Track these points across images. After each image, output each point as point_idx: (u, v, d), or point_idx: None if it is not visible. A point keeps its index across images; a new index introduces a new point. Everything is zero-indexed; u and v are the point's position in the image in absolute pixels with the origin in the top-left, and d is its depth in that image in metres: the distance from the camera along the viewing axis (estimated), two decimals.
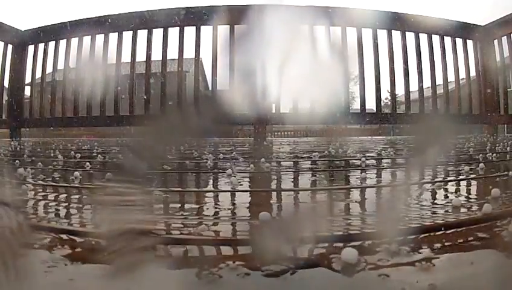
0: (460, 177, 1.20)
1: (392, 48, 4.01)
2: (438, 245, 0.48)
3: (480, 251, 0.47)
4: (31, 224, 0.59)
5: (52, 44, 4.29)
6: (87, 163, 1.49)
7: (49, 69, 4.35)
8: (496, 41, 4.38)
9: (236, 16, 3.75)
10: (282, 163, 1.75)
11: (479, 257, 0.45)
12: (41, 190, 1.01)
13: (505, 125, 6.20)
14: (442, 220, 0.64)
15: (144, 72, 3.98)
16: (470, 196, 0.91)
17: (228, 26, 3.81)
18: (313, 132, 11.37)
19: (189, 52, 3.97)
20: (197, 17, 3.87)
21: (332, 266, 0.41)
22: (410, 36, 4.07)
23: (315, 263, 0.43)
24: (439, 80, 4.16)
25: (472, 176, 1.21)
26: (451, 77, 4.24)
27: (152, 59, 4.02)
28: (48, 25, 4.35)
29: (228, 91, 3.89)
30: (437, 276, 0.39)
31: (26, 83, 4.58)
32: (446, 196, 0.87)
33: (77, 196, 0.94)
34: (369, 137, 6.82)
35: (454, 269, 0.42)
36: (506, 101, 4.55)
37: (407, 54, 4.06)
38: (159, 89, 3.99)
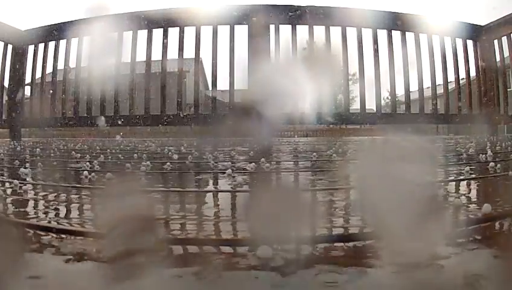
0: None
1: (392, 48, 4.00)
2: None
3: None
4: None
5: (52, 44, 4.28)
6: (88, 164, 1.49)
7: (49, 69, 4.34)
8: (496, 41, 4.37)
9: (236, 16, 3.75)
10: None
11: None
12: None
13: (505, 125, 6.18)
14: None
15: (144, 71, 3.98)
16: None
17: (229, 26, 3.81)
18: (314, 132, 11.36)
19: (189, 52, 3.97)
20: (196, 16, 3.86)
21: None
22: (410, 36, 4.07)
23: None
24: (439, 80, 4.15)
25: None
26: (451, 77, 4.24)
27: (152, 59, 4.01)
28: (48, 25, 4.33)
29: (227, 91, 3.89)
30: None
31: (26, 83, 4.57)
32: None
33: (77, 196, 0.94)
34: (369, 137, 6.80)
35: None
36: (506, 101, 4.53)
37: (407, 54, 4.05)
38: (159, 89, 3.98)
